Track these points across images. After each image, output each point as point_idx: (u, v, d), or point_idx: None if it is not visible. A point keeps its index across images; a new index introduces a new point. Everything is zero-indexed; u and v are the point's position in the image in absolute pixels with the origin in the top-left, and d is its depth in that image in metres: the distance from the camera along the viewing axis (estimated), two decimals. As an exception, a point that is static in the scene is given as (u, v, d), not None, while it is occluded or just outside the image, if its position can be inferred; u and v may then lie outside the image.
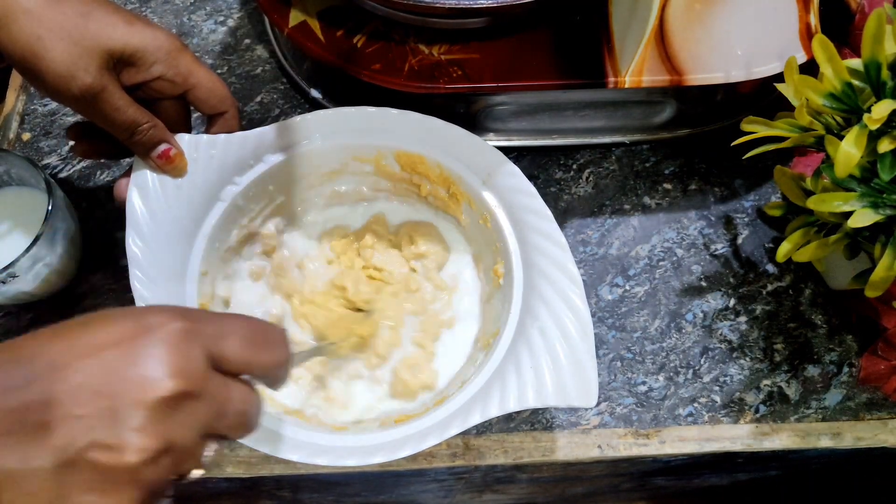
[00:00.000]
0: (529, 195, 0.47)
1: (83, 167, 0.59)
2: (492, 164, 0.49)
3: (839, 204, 0.42)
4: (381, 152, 0.51)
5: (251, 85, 0.62)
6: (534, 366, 0.42)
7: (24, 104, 0.62)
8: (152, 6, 0.66)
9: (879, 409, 0.51)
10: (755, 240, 0.57)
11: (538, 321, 0.44)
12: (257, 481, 0.52)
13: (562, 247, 0.45)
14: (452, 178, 0.50)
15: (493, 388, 0.42)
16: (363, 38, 0.53)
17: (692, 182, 0.59)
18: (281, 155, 0.49)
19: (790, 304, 0.54)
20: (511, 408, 0.41)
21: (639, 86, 0.51)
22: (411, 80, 0.51)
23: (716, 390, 0.52)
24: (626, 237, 0.57)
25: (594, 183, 0.59)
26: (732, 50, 0.51)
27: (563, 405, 0.41)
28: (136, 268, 0.44)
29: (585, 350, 0.42)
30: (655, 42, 0.52)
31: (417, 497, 0.69)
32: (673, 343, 0.53)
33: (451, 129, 0.49)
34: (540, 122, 0.58)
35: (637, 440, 0.50)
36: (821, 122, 0.45)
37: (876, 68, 0.42)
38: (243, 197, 0.49)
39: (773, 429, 0.51)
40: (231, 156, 0.48)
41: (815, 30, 0.52)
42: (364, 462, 0.41)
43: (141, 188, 0.46)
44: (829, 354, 0.53)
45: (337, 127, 0.50)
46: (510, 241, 0.47)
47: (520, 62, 0.52)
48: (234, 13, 0.66)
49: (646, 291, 0.55)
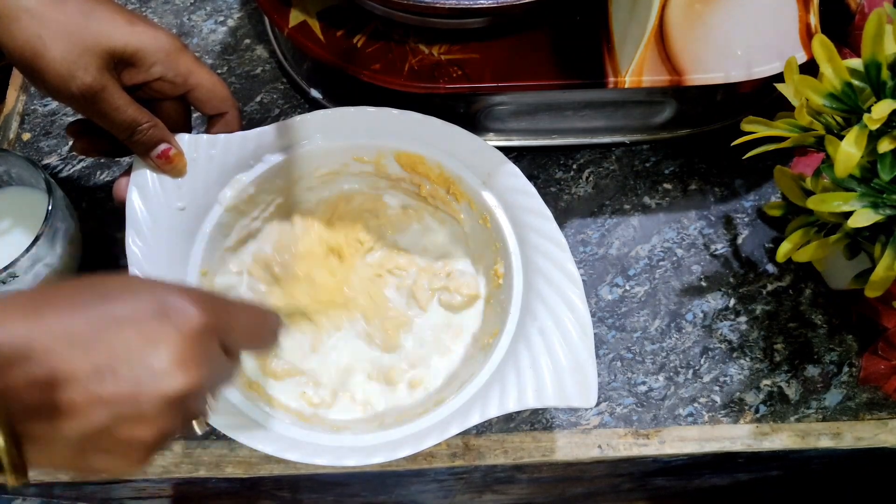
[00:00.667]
0: (529, 195, 0.47)
1: (83, 167, 0.59)
2: (492, 164, 0.49)
3: (839, 204, 0.42)
4: (382, 152, 0.51)
5: (251, 85, 0.62)
6: (533, 366, 0.42)
7: (24, 104, 0.62)
8: (152, 6, 0.66)
9: (879, 409, 0.51)
10: (755, 240, 0.57)
11: (538, 321, 0.44)
12: (257, 481, 0.52)
13: (561, 247, 0.45)
14: (452, 178, 0.50)
15: (493, 388, 0.42)
16: (363, 38, 0.53)
17: (692, 182, 0.59)
18: (281, 155, 0.49)
19: (790, 304, 0.54)
20: (510, 408, 0.41)
21: (639, 86, 0.51)
22: (411, 80, 0.51)
23: (716, 390, 0.52)
24: (626, 237, 0.57)
25: (594, 183, 0.59)
26: (732, 50, 0.51)
27: (562, 405, 0.41)
28: (136, 267, 0.44)
29: (585, 350, 0.42)
30: (655, 42, 0.52)
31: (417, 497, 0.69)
32: (673, 343, 0.53)
33: (451, 129, 0.49)
34: (540, 122, 0.58)
35: (637, 440, 0.50)
36: (821, 122, 0.45)
37: (876, 68, 0.42)
38: (243, 197, 0.49)
39: (773, 429, 0.51)
40: (231, 156, 0.48)
41: (815, 30, 0.52)
42: (364, 462, 0.41)
43: (141, 188, 0.46)
44: (830, 354, 0.53)
45: (337, 127, 0.50)
46: (510, 241, 0.47)
47: (520, 62, 0.52)
48: (234, 13, 0.66)
49: (646, 291, 0.55)
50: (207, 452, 0.49)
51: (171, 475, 0.49)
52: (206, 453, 0.49)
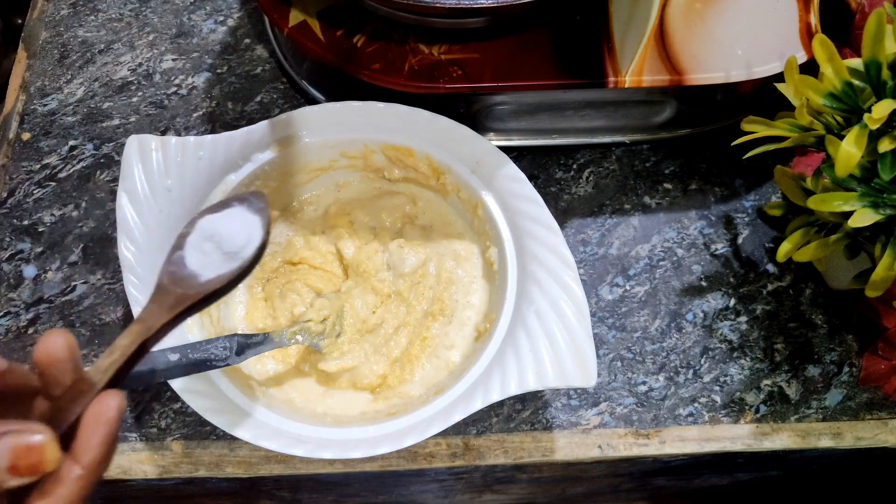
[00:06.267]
0: (519, 181, 0.48)
1: (83, 167, 0.59)
2: (480, 153, 0.49)
3: (839, 204, 0.42)
4: (369, 147, 0.51)
5: (251, 85, 0.62)
6: (532, 349, 0.43)
7: (23, 104, 0.62)
8: (152, 6, 0.66)
9: (880, 409, 0.51)
10: (755, 240, 0.57)
11: (534, 305, 0.44)
12: (257, 481, 0.52)
13: (554, 231, 0.46)
14: (442, 168, 0.50)
15: (494, 373, 0.43)
16: (363, 38, 0.53)
17: (692, 182, 0.59)
18: (269, 153, 0.50)
19: (790, 304, 0.54)
20: (512, 391, 0.41)
21: (639, 85, 0.51)
22: (411, 79, 0.51)
23: (716, 390, 0.52)
24: (626, 237, 0.57)
25: (594, 183, 0.59)
26: (733, 50, 0.51)
27: (563, 386, 0.42)
28: (130, 272, 0.44)
29: (582, 330, 0.43)
30: (656, 42, 0.51)
31: (417, 497, 0.69)
32: (673, 343, 0.53)
33: (438, 120, 0.49)
34: (540, 122, 0.58)
35: (637, 440, 0.50)
36: (821, 121, 0.44)
37: (876, 68, 0.42)
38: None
39: (773, 429, 0.51)
40: (219, 157, 0.48)
41: (816, 29, 0.52)
42: (369, 453, 0.41)
43: (130, 193, 0.46)
44: (830, 354, 0.53)
45: (324, 123, 0.50)
46: (502, 227, 0.48)
47: (520, 62, 0.52)
48: (234, 13, 0.66)
49: (646, 291, 0.55)
50: (207, 452, 0.49)
51: (170, 475, 0.49)
52: (205, 453, 0.49)
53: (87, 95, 0.62)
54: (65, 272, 0.55)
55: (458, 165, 0.50)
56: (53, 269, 0.55)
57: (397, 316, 0.50)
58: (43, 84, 0.63)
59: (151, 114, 0.61)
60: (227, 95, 0.62)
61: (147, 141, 0.47)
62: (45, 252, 0.56)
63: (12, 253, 0.56)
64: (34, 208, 0.58)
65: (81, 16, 0.66)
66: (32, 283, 0.55)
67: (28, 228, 0.57)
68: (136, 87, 0.63)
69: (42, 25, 0.66)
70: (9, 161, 0.60)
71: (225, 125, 0.60)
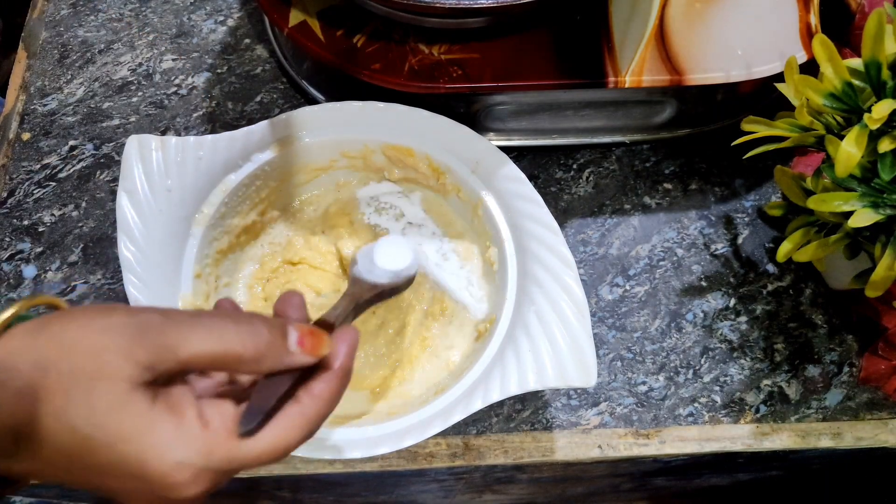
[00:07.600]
0: (519, 181, 0.48)
1: (83, 167, 0.59)
2: (480, 153, 0.49)
3: (839, 204, 0.42)
4: (369, 147, 0.51)
5: (251, 85, 0.62)
6: (532, 349, 0.43)
7: (23, 104, 0.62)
8: (152, 6, 0.66)
9: (880, 409, 0.51)
10: (755, 240, 0.57)
11: (534, 305, 0.44)
12: (257, 481, 0.52)
13: (554, 231, 0.46)
14: (442, 168, 0.50)
15: (494, 373, 0.43)
16: (363, 38, 0.53)
17: (692, 182, 0.59)
18: (269, 153, 0.50)
19: (790, 304, 0.54)
20: (512, 391, 0.41)
21: (639, 86, 0.51)
22: (411, 79, 0.51)
23: (716, 390, 0.52)
24: (626, 237, 0.57)
25: (594, 183, 0.59)
26: (733, 50, 0.51)
27: (563, 386, 0.42)
28: (130, 272, 0.44)
29: (582, 330, 0.43)
30: (655, 42, 0.51)
31: (417, 497, 0.69)
32: (673, 343, 0.53)
33: (437, 120, 0.49)
34: (540, 122, 0.58)
35: (637, 440, 0.50)
36: (821, 121, 0.44)
37: (876, 68, 0.42)
38: (233, 197, 0.49)
39: (773, 429, 0.51)
40: (219, 157, 0.48)
41: (816, 29, 0.52)
42: (369, 453, 0.41)
43: (130, 193, 0.46)
44: (830, 354, 0.53)
45: (324, 123, 0.50)
46: (502, 227, 0.48)
47: (520, 62, 0.52)
48: (234, 13, 0.66)
49: (646, 291, 0.55)
50: (207, 452, 0.49)
51: (170, 475, 0.49)
52: (205, 453, 0.49)
53: (87, 95, 0.62)
54: (65, 272, 0.55)
55: (457, 165, 0.50)
56: (53, 269, 0.55)
57: (397, 316, 0.50)
58: (43, 84, 0.63)
59: (151, 114, 0.61)
60: (227, 95, 0.62)
61: (147, 141, 0.47)
62: (45, 252, 0.56)
63: (12, 253, 0.56)
64: (34, 208, 0.58)
65: (81, 16, 0.66)
66: (32, 283, 0.55)
67: (28, 228, 0.57)
68: (136, 87, 0.63)
69: (42, 25, 0.66)
70: (9, 161, 0.60)
71: (225, 125, 0.60)
